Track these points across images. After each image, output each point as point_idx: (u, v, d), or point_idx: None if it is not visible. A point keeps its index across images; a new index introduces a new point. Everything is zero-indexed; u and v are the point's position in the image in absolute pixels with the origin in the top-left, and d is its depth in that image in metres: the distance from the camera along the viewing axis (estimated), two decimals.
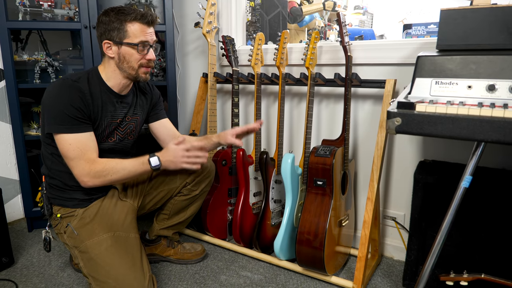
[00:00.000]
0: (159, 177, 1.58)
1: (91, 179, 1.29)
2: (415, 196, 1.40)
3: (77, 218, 1.38)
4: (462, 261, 1.38)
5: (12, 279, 1.58)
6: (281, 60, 1.69)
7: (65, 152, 1.28)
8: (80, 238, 1.34)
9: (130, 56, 1.34)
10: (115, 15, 1.30)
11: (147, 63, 1.38)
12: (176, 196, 1.62)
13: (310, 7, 3.17)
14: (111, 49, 1.33)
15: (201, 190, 1.64)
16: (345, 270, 1.67)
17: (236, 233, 1.78)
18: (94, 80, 1.36)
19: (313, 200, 1.55)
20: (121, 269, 1.27)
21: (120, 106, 1.43)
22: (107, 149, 1.43)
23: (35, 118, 2.08)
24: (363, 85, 1.61)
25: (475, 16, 1.06)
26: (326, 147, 1.54)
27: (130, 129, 1.49)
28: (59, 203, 1.41)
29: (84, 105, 1.29)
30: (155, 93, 1.62)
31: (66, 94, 1.27)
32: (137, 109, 1.51)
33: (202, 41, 2.21)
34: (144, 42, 1.33)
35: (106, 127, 1.39)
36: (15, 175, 2.09)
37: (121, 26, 1.30)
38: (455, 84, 0.97)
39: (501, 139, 0.83)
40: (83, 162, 1.28)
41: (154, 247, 1.73)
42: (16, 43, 2.00)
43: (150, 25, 1.36)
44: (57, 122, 1.26)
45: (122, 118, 1.44)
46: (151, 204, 1.60)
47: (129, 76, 1.38)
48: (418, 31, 1.75)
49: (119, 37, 1.31)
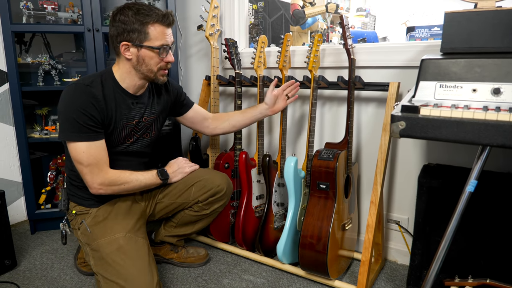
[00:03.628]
0: (174, 189, 1.56)
1: (104, 187, 1.30)
2: (419, 200, 1.39)
3: (91, 216, 1.40)
4: (467, 266, 1.36)
5: (15, 281, 1.58)
6: (284, 63, 1.69)
7: (78, 159, 1.27)
8: (92, 236, 1.35)
9: (150, 59, 1.30)
10: (135, 15, 1.24)
11: (166, 66, 1.35)
12: (186, 210, 1.61)
13: (312, 9, 3.17)
14: (129, 51, 1.29)
15: (212, 210, 1.61)
16: (348, 274, 1.66)
17: (238, 236, 1.77)
18: (108, 82, 1.33)
19: (316, 203, 1.54)
20: (131, 270, 1.27)
21: (135, 107, 1.40)
22: (125, 150, 1.42)
23: (38, 120, 2.09)
24: (367, 88, 1.60)
25: (479, 19, 1.06)
26: (329, 150, 1.53)
27: (148, 129, 1.47)
28: (76, 201, 1.43)
29: (97, 111, 1.26)
30: (174, 86, 1.58)
31: (78, 100, 1.24)
32: (155, 108, 1.48)
33: (205, 44, 2.22)
34: (164, 45, 1.30)
35: (122, 129, 1.37)
36: (18, 177, 2.09)
37: (142, 28, 1.25)
38: (460, 87, 0.97)
39: (506, 143, 0.82)
40: (97, 170, 1.28)
41: (158, 249, 1.74)
42: (19, 45, 2.01)
43: (170, 26, 1.32)
44: (69, 129, 1.25)
45: (139, 119, 1.42)
46: (162, 213, 1.60)
47: (146, 77, 1.35)
48: (422, 33, 1.74)
49: (139, 39, 1.26)
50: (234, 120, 1.67)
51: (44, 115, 2.08)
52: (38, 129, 2.01)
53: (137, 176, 1.38)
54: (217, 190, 1.56)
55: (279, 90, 1.62)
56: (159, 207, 1.57)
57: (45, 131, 1.97)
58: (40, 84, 1.96)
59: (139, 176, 1.39)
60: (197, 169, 1.60)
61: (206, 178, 1.57)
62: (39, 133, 1.97)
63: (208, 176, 1.58)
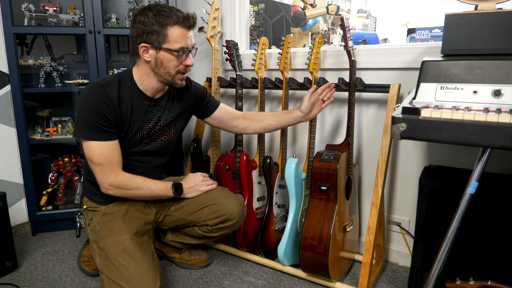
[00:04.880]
0: (187, 205, 1.53)
1: (114, 188, 1.31)
2: (420, 201, 1.39)
3: (100, 213, 1.41)
4: (468, 268, 1.36)
5: (16, 283, 1.58)
6: (285, 64, 1.69)
7: (90, 158, 1.29)
8: (100, 234, 1.36)
9: (168, 62, 1.28)
10: (155, 16, 1.23)
11: (185, 69, 1.33)
12: (195, 227, 1.57)
13: (313, 11, 3.17)
14: (148, 53, 1.27)
15: (220, 234, 1.58)
16: (349, 276, 1.65)
17: (239, 238, 1.77)
18: (126, 84, 1.32)
19: (317, 205, 1.54)
20: (134, 273, 1.27)
21: (153, 110, 1.39)
22: (140, 151, 1.42)
23: (39, 122, 2.09)
24: (367, 89, 1.60)
25: (480, 21, 1.06)
26: (330, 152, 1.53)
27: (166, 132, 1.46)
28: (89, 196, 1.45)
29: (110, 112, 1.26)
30: (196, 88, 1.55)
31: (92, 100, 1.25)
32: (173, 110, 1.45)
33: (206, 46, 2.22)
34: (184, 48, 1.27)
35: (137, 132, 1.37)
36: (19, 179, 2.10)
37: (162, 29, 1.23)
38: (461, 89, 0.97)
39: (507, 145, 0.82)
40: (107, 170, 1.29)
41: (162, 245, 1.76)
42: (21, 47, 2.02)
43: (191, 29, 1.29)
44: (82, 127, 1.26)
45: (156, 122, 1.41)
46: (171, 225, 1.59)
47: (164, 81, 1.33)
48: (422, 35, 1.74)
49: (158, 41, 1.24)
50: (267, 123, 1.61)
51: (46, 117, 2.09)
52: (40, 130, 2.02)
53: (149, 185, 1.37)
54: (229, 217, 1.51)
55: (315, 96, 1.52)
56: (170, 219, 1.56)
57: (46, 133, 1.98)
58: (41, 86, 1.97)
59: (151, 185, 1.37)
60: (214, 188, 1.55)
61: (220, 202, 1.51)
62: (41, 135, 1.98)
63: (223, 201, 1.52)
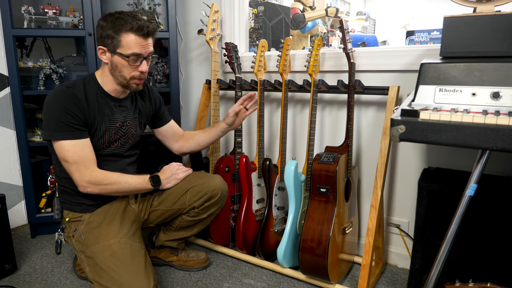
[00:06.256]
0: (169, 196, 1.55)
1: (92, 185, 1.32)
2: (420, 203, 1.39)
3: (84, 222, 1.40)
4: (467, 270, 1.36)
5: (15, 285, 1.57)
6: (284, 67, 1.70)
7: (64, 158, 1.30)
8: (86, 243, 1.35)
9: (122, 67, 1.32)
10: (112, 22, 1.28)
11: (139, 75, 1.36)
12: (183, 215, 1.60)
13: (312, 13, 3.18)
14: (105, 55, 1.33)
15: (209, 214, 1.61)
16: (348, 278, 1.65)
17: (239, 240, 1.77)
18: (91, 85, 1.37)
19: (316, 207, 1.54)
20: (125, 276, 1.26)
21: (118, 109, 1.43)
22: (110, 154, 1.43)
23: (39, 124, 2.09)
24: (366, 91, 1.61)
25: (478, 23, 1.06)
26: (329, 154, 1.53)
27: (131, 133, 1.49)
28: (68, 208, 1.43)
29: (79, 111, 1.29)
30: (156, 96, 1.60)
31: (60, 100, 1.29)
32: (137, 113, 1.51)
33: (205, 48, 2.22)
34: (137, 54, 1.31)
35: (105, 131, 1.39)
36: (18, 181, 2.09)
37: (116, 35, 1.28)
38: (459, 91, 0.97)
39: (506, 147, 0.83)
40: (83, 168, 1.30)
41: (158, 251, 1.75)
42: (21, 50, 2.02)
43: (147, 37, 1.32)
44: (53, 129, 1.28)
45: (122, 122, 1.44)
46: (158, 220, 1.60)
47: (120, 83, 1.37)
48: (421, 37, 1.75)
49: (113, 45, 1.29)
50: (200, 140, 1.68)
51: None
52: (39, 133, 2.01)
53: (127, 179, 1.38)
54: (212, 194, 1.55)
55: (236, 107, 1.58)
56: (155, 214, 1.57)
57: None
58: (41, 88, 1.97)
59: (129, 179, 1.39)
60: (190, 174, 1.59)
61: (200, 183, 1.56)
62: (40, 137, 1.98)
63: (202, 181, 1.57)
